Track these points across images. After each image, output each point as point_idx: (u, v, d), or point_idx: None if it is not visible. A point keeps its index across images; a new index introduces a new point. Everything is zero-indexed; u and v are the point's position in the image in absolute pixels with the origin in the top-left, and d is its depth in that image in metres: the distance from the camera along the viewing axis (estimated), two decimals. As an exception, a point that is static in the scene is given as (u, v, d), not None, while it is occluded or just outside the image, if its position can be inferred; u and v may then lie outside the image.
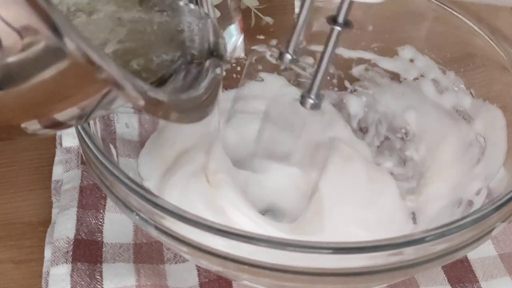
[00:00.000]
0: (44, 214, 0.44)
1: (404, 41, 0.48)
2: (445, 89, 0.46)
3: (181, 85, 0.32)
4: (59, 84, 0.23)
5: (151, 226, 0.33)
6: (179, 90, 0.32)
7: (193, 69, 0.34)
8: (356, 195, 0.43)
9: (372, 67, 0.50)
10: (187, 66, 0.34)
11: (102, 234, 0.42)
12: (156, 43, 0.34)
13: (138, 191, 0.32)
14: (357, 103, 0.51)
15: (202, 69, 0.34)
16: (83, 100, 0.25)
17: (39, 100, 0.24)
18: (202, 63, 0.34)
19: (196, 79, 0.33)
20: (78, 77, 0.23)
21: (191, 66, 0.34)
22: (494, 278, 0.40)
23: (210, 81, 0.33)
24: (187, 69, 0.34)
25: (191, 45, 0.35)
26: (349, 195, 0.43)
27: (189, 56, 0.34)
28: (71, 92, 0.24)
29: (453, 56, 0.46)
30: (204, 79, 0.33)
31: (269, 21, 0.51)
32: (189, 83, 0.33)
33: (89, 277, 0.39)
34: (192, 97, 0.31)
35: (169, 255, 0.41)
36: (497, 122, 0.42)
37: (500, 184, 0.38)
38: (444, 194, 0.43)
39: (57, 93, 0.24)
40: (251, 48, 0.51)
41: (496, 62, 0.42)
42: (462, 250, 0.32)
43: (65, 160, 0.47)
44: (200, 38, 0.35)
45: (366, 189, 0.43)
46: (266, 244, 0.30)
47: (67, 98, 0.25)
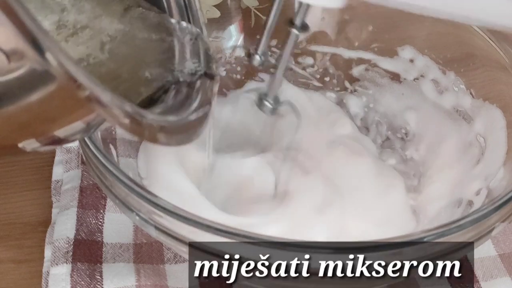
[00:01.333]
0: (44, 214, 0.44)
1: (404, 41, 0.48)
2: (445, 89, 0.47)
3: (171, 105, 0.31)
4: (46, 104, 0.23)
5: (151, 226, 0.33)
6: (169, 110, 0.31)
7: (184, 88, 0.33)
8: (366, 189, 0.43)
9: (372, 67, 0.50)
10: (177, 85, 0.33)
11: (102, 234, 0.42)
12: (147, 61, 0.33)
13: (138, 191, 0.32)
14: (357, 103, 0.51)
15: (193, 88, 0.33)
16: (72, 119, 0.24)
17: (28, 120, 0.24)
18: (193, 82, 0.33)
19: (187, 99, 0.32)
20: (63, 97, 0.23)
21: (182, 85, 0.33)
22: (494, 278, 0.40)
23: (200, 102, 0.32)
24: (177, 88, 0.33)
25: (182, 64, 0.34)
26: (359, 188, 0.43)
27: (180, 75, 0.33)
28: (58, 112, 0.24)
29: (453, 56, 0.46)
30: (195, 99, 0.32)
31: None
32: (180, 102, 0.32)
33: (89, 277, 0.39)
34: (181, 118, 0.30)
35: (169, 255, 0.41)
36: (497, 122, 0.42)
37: (500, 184, 0.38)
38: (444, 194, 0.43)
39: (45, 113, 0.24)
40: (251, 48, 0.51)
41: (496, 62, 0.42)
42: (462, 250, 0.32)
43: (65, 160, 0.47)
44: (192, 57, 0.34)
45: (375, 183, 0.43)
46: (266, 244, 0.30)
47: (55, 118, 0.24)
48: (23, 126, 0.25)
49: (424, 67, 0.47)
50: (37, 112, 0.24)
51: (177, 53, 0.34)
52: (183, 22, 0.35)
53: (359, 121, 0.51)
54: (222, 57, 0.51)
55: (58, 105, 0.23)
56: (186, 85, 0.33)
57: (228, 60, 0.51)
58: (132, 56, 0.33)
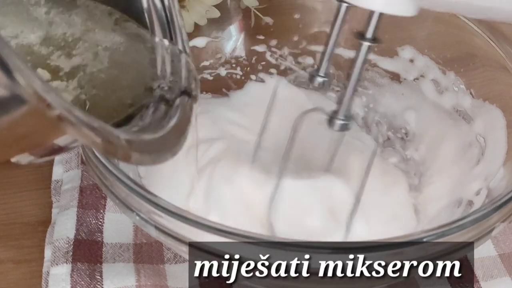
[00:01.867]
0: (44, 214, 0.44)
1: (404, 41, 0.48)
2: (445, 89, 0.46)
3: (148, 123, 0.31)
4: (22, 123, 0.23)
5: (151, 226, 0.33)
6: (146, 128, 0.30)
7: (163, 105, 0.32)
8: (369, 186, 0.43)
9: (372, 67, 0.50)
10: (156, 103, 0.32)
11: (102, 234, 0.42)
12: (127, 78, 0.33)
13: (138, 191, 0.32)
14: (357, 103, 0.51)
15: (172, 106, 0.32)
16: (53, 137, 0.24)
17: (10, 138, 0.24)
18: (173, 100, 0.33)
19: (165, 116, 0.31)
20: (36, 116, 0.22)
21: (160, 103, 0.32)
22: (494, 278, 0.40)
23: (178, 120, 0.31)
24: (156, 106, 0.32)
25: (162, 81, 0.33)
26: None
27: (160, 92, 0.33)
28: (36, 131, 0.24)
29: (453, 56, 0.46)
30: (173, 117, 0.31)
31: (269, 21, 0.51)
32: (158, 120, 0.31)
33: (89, 277, 0.39)
34: (157, 137, 0.29)
35: (169, 255, 0.42)
36: (497, 122, 0.42)
37: (500, 184, 0.38)
38: (444, 194, 0.43)
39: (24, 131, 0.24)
40: (251, 48, 0.51)
41: (496, 62, 0.42)
42: (462, 250, 0.32)
43: (65, 160, 0.47)
44: (173, 75, 0.34)
45: (379, 180, 0.43)
46: (266, 244, 0.30)
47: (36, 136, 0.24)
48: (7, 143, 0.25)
49: (424, 67, 0.47)
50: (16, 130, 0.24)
51: (159, 70, 0.34)
52: (165, 40, 0.35)
53: (360, 121, 0.51)
54: (222, 57, 0.51)
55: (33, 124, 0.23)
56: (165, 103, 0.32)
57: (228, 60, 0.51)
58: (115, 71, 0.33)
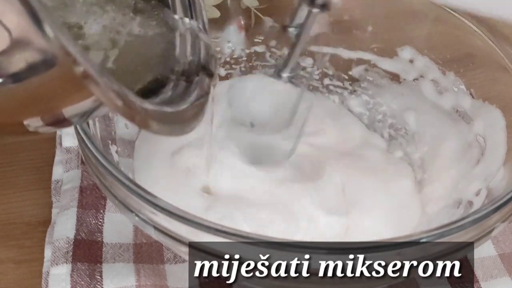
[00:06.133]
0: (44, 214, 0.44)
1: (403, 42, 0.48)
2: (444, 89, 0.46)
3: (169, 96, 0.32)
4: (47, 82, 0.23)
5: (150, 227, 0.32)
6: (166, 102, 0.31)
7: (182, 82, 0.34)
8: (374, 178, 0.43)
9: (371, 67, 0.50)
10: (176, 80, 0.34)
11: (102, 234, 0.42)
12: (148, 55, 0.33)
13: (137, 192, 0.32)
14: (357, 103, 0.51)
15: (191, 83, 0.34)
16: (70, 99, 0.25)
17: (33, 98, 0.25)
18: (192, 77, 0.34)
19: (185, 92, 0.33)
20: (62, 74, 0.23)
21: (180, 79, 0.34)
22: (494, 278, 0.40)
23: (197, 97, 0.33)
24: (176, 83, 0.33)
25: (182, 59, 0.34)
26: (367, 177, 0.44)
27: (179, 69, 0.34)
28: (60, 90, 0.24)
29: (453, 57, 0.46)
30: (192, 93, 0.33)
31: (269, 21, 0.51)
32: (178, 95, 0.33)
33: (89, 277, 0.39)
34: (176, 111, 0.31)
35: (169, 255, 0.42)
36: (497, 123, 0.42)
37: (500, 184, 0.38)
38: (444, 195, 0.43)
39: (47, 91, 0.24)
40: (251, 49, 0.51)
41: (496, 62, 0.42)
42: (462, 250, 0.32)
43: (65, 160, 0.47)
44: (192, 53, 0.35)
45: (384, 171, 0.44)
46: (266, 244, 0.30)
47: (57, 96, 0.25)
48: (28, 104, 0.25)
49: (424, 68, 0.47)
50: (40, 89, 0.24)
51: (178, 48, 0.35)
52: (186, 18, 0.36)
53: (366, 119, 0.51)
54: (221, 57, 0.51)
55: (58, 84, 0.24)
56: (185, 80, 0.34)
57: (228, 60, 0.51)
58: (135, 49, 0.33)
